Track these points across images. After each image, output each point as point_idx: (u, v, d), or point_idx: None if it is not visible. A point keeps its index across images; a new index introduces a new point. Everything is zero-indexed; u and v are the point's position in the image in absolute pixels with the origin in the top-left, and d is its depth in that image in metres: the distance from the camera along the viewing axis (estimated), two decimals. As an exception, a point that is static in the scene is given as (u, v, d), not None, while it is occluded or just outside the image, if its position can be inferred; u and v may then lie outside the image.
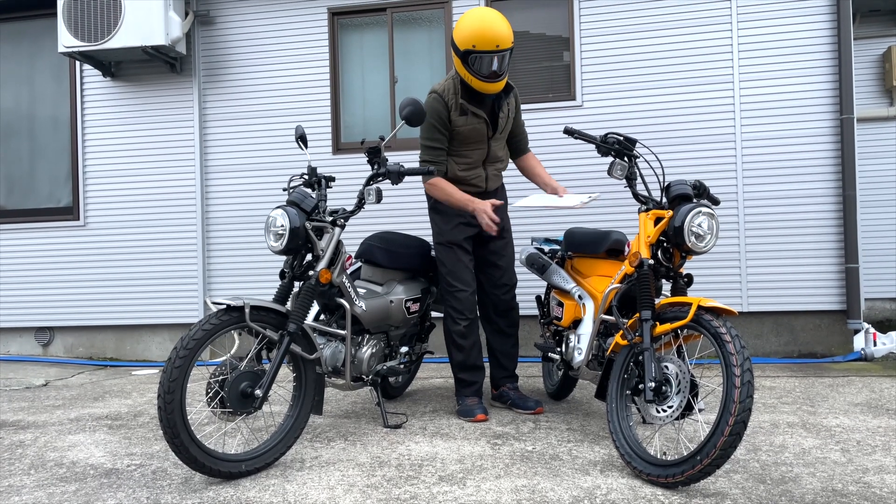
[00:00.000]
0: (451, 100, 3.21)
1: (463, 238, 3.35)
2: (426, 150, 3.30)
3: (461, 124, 3.24)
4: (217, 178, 5.49)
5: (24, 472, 2.66)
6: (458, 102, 3.22)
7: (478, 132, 3.29)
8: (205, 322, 2.42)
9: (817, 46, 4.77)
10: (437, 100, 3.22)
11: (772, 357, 4.83)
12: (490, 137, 3.34)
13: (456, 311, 3.31)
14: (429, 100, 3.24)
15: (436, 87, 3.26)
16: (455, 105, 3.22)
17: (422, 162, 3.31)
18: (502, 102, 3.33)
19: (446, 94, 3.22)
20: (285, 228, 2.68)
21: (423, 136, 3.29)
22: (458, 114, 3.22)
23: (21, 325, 5.73)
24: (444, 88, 3.23)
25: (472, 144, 3.30)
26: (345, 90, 5.41)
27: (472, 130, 3.27)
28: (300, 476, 2.50)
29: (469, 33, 3.06)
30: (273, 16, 5.43)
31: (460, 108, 3.22)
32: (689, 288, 2.74)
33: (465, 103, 3.22)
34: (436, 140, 3.26)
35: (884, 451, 2.67)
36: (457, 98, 3.21)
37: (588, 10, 5.03)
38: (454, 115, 3.22)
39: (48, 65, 5.77)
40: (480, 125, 3.28)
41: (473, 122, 3.25)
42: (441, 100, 3.21)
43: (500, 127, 3.36)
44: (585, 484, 2.36)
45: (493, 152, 3.39)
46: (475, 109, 3.24)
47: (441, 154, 3.29)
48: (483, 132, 3.30)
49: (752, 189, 4.82)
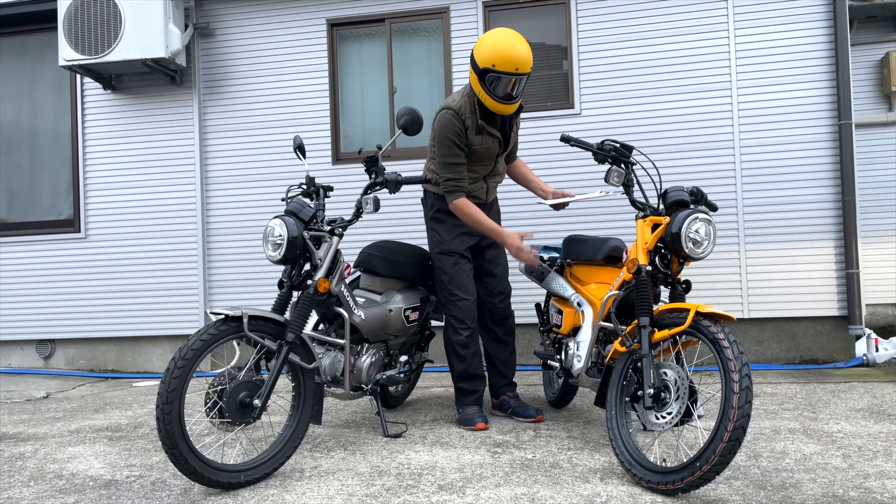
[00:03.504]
0: (469, 118, 3.17)
1: (464, 248, 3.35)
2: (447, 167, 3.20)
3: (477, 143, 3.21)
4: (217, 189, 5.50)
5: (24, 483, 2.65)
6: (476, 122, 3.18)
7: (490, 151, 3.28)
8: (203, 332, 2.42)
9: (815, 52, 4.78)
10: (454, 116, 3.15)
11: (773, 363, 4.81)
12: (498, 154, 3.35)
13: (457, 320, 3.31)
14: (444, 117, 3.18)
15: (451, 105, 3.19)
16: (473, 124, 3.18)
17: (444, 181, 3.22)
18: (514, 121, 3.34)
19: (463, 112, 3.17)
20: (283, 238, 2.68)
21: (443, 153, 3.19)
22: (474, 133, 3.19)
23: (22, 338, 5.74)
24: (461, 106, 3.17)
25: (481, 161, 3.30)
26: (344, 101, 5.43)
27: (486, 150, 3.26)
28: (299, 486, 2.50)
29: (491, 52, 3.03)
30: (273, 27, 5.46)
31: (477, 127, 3.19)
32: (687, 294, 2.74)
33: (484, 124, 3.19)
34: (455, 156, 3.19)
35: (885, 456, 2.66)
36: (475, 117, 3.17)
37: (586, 19, 5.06)
38: (471, 134, 3.18)
39: (49, 78, 5.80)
40: (494, 144, 3.28)
41: (488, 141, 3.25)
42: (458, 116, 3.16)
43: (511, 145, 3.39)
44: (585, 492, 2.35)
45: (497, 167, 3.41)
46: (491, 129, 3.23)
47: (463, 170, 3.22)
48: (495, 151, 3.31)
49: (751, 195, 4.82)
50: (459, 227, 3.33)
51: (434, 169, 3.36)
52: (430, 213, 3.42)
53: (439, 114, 3.21)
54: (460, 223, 3.33)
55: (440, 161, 3.22)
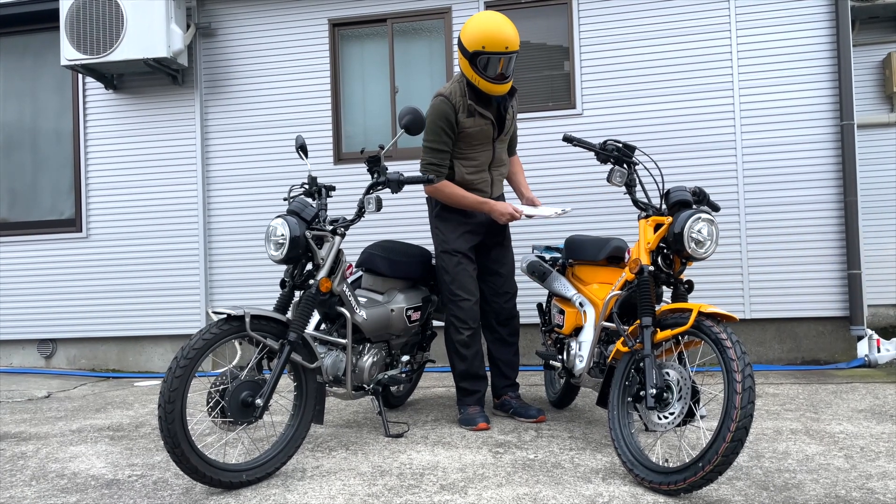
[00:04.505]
0: (459, 101, 3.21)
1: (468, 248, 3.35)
2: (430, 152, 3.26)
3: (469, 125, 3.24)
4: (219, 188, 5.50)
5: (26, 483, 2.66)
6: (465, 104, 3.22)
7: (484, 133, 3.30)
8: (205, 332, 2.42)
9: (817, 53, 4.78)
10: (444, 101, 3.21)
11: (775, 364, 4.81)
12: (495, 139, 3.36)
13: (459, 320, 3.30)
14: (435, 103, 3.23)
15: (441, 91, 3.26)
16: (463, 106, 3.22)
17: (424, 164, 3.28)
18: (507, 104, 3.36)
19: (453, 96, 3.22)
20: (285, 237, 2.68)
21: (428, 138, 3.26)
22: (465, 115, 3.23)
23: (24, 338, 5.74)
24: (451, 91, 3.23)
25: (478, 146, 3.31)
26: (346, 101, 5.43)
27: (480, 131, 3.28)
28: (301, 486, 2.50)
29: (479, 34, 3.08)
30: (274, 27, 5.46)
31: (468, 109, 3.23)
32: (689, 294, 2.74)
33: (473, 104, 3.23)
34: (441, 143, 3.24)
35: (887, 457, 2.65)
36: (464, 100, 3.22)
37: (588, 20, 5.05)
38: (461, 116, 3.22)
39: (51, 78, 5.81)
40: (487, 126, 3.29)
41: (481, 122, 3.26)
42: (448, 102, 3.20)
43: (506, 128, 3.39)
44: (587, 492, 2.35)
45: (498, 155, 3.40)
46: (482, 111, 3.25)
47: (445, 157, 3.27)
48: (489, 133, 3.32)
49: (753, 196, 4.82)
50: (463, 225, 3.34)
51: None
52: (434, 211, 3.42)
53: (432, 100, 3.27)
54: (464, 221, 3.33)
55: (425, 145, 3.28)
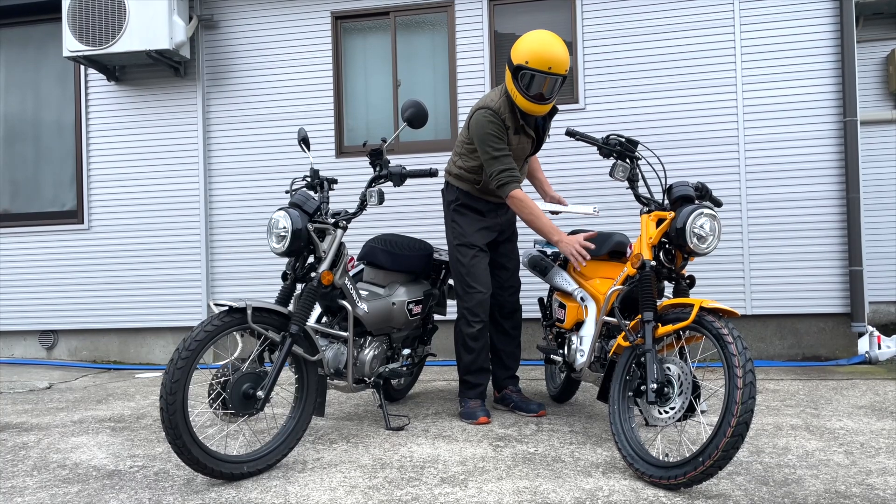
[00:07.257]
0: (508, 118, 3.13)
1: (484, 242, 3.35)
2: (498, 160, 3.10)
3: (514, 144, 3.19)
4: (221, 181, 5.50)
5: (27, 473, 2.66)
6: (516, 122, 3.15)
7: (523, 152, 3.27)
8: (207, 324, 2.42)
9: (820, 49, 4.77)
10: (494, 115, 3.10)
11: (776, 360, 4.81)
12: (528, 156, 3.33)
13: (471, 312, 3.28)
14: (483, 116, 3.11)
15: (489, 105, 3.13)
16: (513, 124, 3.15)
17: (497, 174, 3.11)
18: (548, 123, 3.32)
19: (502, 111, 3.12)
20: (287, 230, 2.68)
21: (488, 149, 3.10)
22: (513, 132, 3.17)
23: (25, 329, 5.75)
24: (500, 106, 3.12)
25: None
26: (348, 94, 5.43)
27: (521, 150, 3.24)
28: (302, 477, 2.50)
29: (526, 49, 2.99)
30: (277, 20, 5.45)
31: (517, 127, 3.17)
32: (691, 289, 2.73)
33: (524, 123, 3.17)
34: (503, 150, 3.11)
35: (887, 453, 2.66)
36: (514, 116, 3.14)
37: (591, 14, 5.04)
38: (510, 133, 3.15)
39: (53, 69, 5.80)
40: (528, 145, 3.26)
41: (524, 141, 3.23)
42: (498, 116, 3.11)
43: (542, 145, 3.37)
44: (587, 486, 2.35)
45: (524, 168, 3.38)
46: (528, 130, 3.21)
47: (513, 160, 3.15)
48: (527, 151, 3.29)
49: (755, 192, 4.81)
50: (481, 221, 3.33)
51: (463, 166, 3.31)
52: (452, 205, 3.37)
53: (476, 113, 3.16)
54: (482, 217, 3.32)
55: (487, 158, 3.13)
